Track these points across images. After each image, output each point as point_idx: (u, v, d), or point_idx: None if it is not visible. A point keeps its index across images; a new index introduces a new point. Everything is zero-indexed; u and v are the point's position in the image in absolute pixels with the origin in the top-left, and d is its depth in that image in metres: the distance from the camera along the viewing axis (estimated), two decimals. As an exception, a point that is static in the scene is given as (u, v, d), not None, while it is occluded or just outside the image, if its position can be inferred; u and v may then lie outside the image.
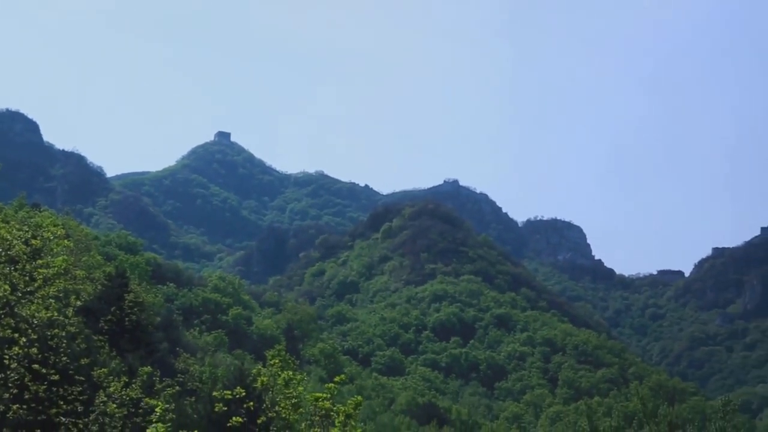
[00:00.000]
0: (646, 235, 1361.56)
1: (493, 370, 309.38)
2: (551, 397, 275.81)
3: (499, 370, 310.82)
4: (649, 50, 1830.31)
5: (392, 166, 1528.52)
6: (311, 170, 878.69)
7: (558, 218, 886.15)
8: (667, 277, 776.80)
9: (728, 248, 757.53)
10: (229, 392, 36.61)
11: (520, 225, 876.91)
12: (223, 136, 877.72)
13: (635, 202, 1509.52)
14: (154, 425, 32.51)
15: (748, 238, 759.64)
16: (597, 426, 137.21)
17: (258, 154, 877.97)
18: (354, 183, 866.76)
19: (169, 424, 33.55)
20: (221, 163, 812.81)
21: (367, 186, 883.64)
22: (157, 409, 34.61)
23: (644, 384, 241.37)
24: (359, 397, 36.62)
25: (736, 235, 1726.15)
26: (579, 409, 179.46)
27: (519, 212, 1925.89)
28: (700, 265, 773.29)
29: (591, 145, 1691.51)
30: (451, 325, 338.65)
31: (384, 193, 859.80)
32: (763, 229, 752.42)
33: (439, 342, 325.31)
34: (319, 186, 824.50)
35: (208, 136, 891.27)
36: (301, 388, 37.20)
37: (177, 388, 71.97)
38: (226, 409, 36.85)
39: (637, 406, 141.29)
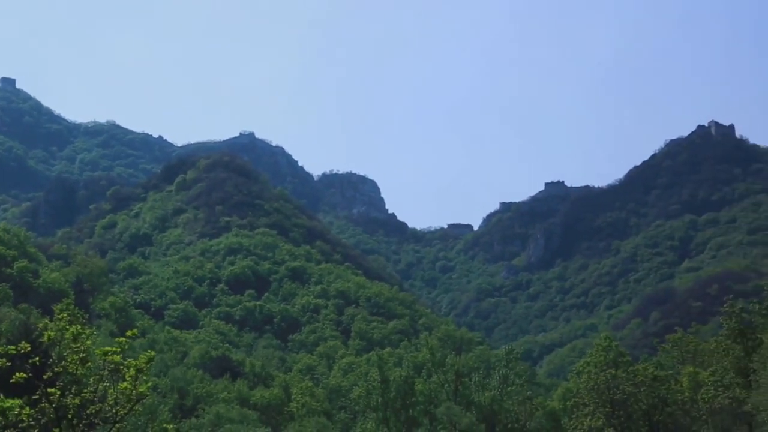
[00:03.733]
0: (437, 190, 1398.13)
1: (288, 323, 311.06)
2: (344, 349, 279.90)
3: (293, 322, 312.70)
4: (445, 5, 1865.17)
5: (187, 117, 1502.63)
6: (102, 120, 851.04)
7: (353, 172, 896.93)
8: (457, 230, 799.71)
9: (515, 203, 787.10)
10: (13, 347, 35.27)
11: (315, 179, 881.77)
12: (8, 82, 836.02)
13: (428, 157, 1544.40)
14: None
15: (533, 193, 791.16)
16: (388, 376, 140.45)
17: (46, 102, 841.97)
18: (147, 134, 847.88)
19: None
20: (5, 111, 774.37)
21: (160, 137, 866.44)
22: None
23: (433, 335, 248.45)
24: (151, 352, 36.19)
25: (522, 190, 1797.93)
26: (371, 359, 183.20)
27: (315, 166, 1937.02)
28: (488, 219, 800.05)
29: (385, 100, 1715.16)
30: (245, 278, 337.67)
31: (178, 145, 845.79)
32: (547, 184, 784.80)
33: (234, 295, 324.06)
34: (111, 136, 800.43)
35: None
36: (89, 343, 36.38)
37: (-44, 344, 68.92)
38: (9, 364, 35.47)
39: (426, 356, 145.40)
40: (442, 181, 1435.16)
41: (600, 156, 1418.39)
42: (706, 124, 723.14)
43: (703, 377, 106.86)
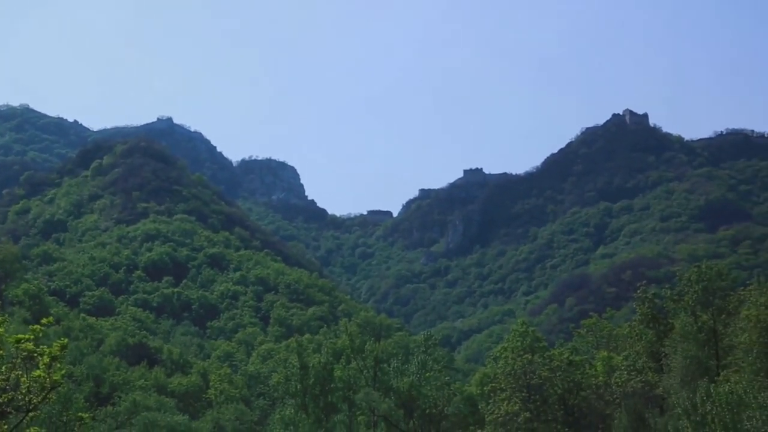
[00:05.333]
0: (357, 176, 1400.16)
1: (206, 310, 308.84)
2: (263, 335, 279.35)
3: (211, 309, 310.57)
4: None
5: (103, 101, 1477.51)
6: (15, 103, 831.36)
7: (272, 158, 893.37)
8: (377, 217, 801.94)
9: (434, 189, 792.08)
10: None
11: (234, 164, 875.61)
12: None
13: (348, 144, 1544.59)
14: None
15: (452, 180, 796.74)
16: (307, 362, 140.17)
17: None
18: (62, 118, 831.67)
19: None
20: None
21: (76, 121, 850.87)
22: None
23: (353, 321, 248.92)
24: (65, 339, 35.75)
25: (441, 176, 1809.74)
26: (290, 346, 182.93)
27: (234, 152, 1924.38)
28: (407, 205, 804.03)
29: (305, 85, 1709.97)
30: (163, 265, 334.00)
31: (94, 130, 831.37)
32: (465, 171, 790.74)
33: (151, 282, 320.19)
34: (24, 120, 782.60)
35: None
36: (1, 330, 35.80)
37: None
38: None
39: (346, 343, 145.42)
40: (361, 167, 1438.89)
41: (518, 143, 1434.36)
42: (621, 113, 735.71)
43: (616, 362, 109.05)
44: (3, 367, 34.84)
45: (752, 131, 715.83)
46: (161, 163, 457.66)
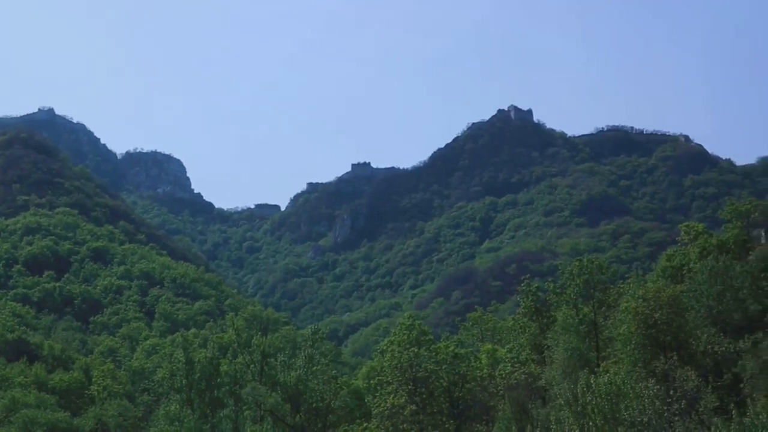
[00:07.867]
0: (245, 170, 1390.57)
1: (89, 304, 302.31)
2: (147, 330, 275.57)
3: (94, 304, 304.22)
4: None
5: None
6: None
7: (158, 151, 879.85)
8: (265, 210, 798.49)
9: (321, 183, 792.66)
10: None
11: (119, 157, 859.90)
12: None
13: (235, 137, 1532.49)
14: None
15: (340, 174, 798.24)
16: (192, 357, 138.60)
17: None
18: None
19: None
20: None
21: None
22: None
23: (239, 315, 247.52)
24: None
25: (329, 170, 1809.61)
26: (175, 341, 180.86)
27: (118, 144, 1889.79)
28: (295, 199, 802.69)
29: (192, 77, 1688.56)
30: (44, 259, 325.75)
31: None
32: (353, 165, 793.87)
33: (32, 276, 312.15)
34: None
35: None
36: None
37: None
38: None
39: (232, 337, 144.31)
40: (249, 160, 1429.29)
41: (405, 138, 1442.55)
42: (506, 108, 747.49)
43: (500, 354, 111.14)
44: None
45: (632, 128, 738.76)
46: (42, 155, 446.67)
